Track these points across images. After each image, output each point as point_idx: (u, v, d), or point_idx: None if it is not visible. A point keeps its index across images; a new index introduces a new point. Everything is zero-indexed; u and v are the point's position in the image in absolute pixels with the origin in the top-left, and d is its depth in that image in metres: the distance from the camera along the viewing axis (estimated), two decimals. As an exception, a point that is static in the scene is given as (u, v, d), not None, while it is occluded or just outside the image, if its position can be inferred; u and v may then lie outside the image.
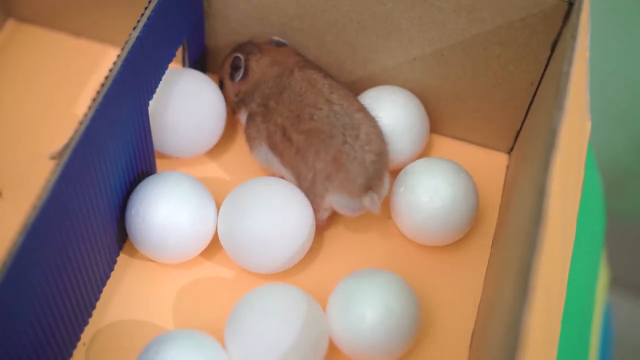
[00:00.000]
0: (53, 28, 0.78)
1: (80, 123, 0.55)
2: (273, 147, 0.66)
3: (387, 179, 0.65)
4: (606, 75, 1.15)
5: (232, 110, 0.71)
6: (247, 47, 0.69)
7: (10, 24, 0.78)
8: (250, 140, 0.69)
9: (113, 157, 0.60)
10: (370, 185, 0.63)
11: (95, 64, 0.76)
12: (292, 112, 0.65)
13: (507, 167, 0.73)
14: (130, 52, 0.58)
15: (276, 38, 0.70)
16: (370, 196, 0.63)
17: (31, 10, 0.77)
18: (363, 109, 0.65)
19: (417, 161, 0.68)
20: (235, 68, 0.69)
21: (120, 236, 0.65)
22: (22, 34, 0.77)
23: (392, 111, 0.68)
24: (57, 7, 0.75)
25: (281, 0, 0.67)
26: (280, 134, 0.65)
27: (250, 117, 0.68)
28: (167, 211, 0.63)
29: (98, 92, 0.56)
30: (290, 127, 0.65)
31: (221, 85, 0.71)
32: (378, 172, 0.64)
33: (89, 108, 0.55)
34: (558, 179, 0.51)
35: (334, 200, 0.65)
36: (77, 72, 0.76)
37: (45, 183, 0.52)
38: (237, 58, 0.68)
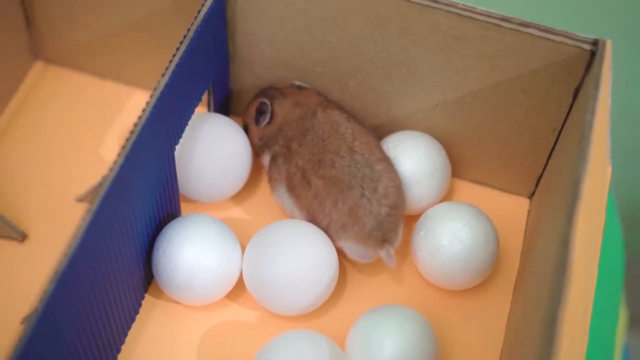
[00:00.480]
0: (80, 70, 0.79)
1: (110, 170, 0.56)
2: (291, 189, 0.67)
3: (401, 229, 0.66)
4: (622, 113, 1.16)
5: (256, 153, 0.72)
6: (270, 92, 0.70)
7: (38, 66, 0.79)
8: (271, 181, 0.69)
9: (140, 202, 0.61)
10: (385, 238, 0.64)
11: (120, 106, 0.77)
12: (314, 156, 0.66)
13: (529, 211, 0.73)
14: (159, 98, 0.59)
15: (297, 83, 0.71)
16: (386, 249, 0.64)
17: (58, 52, 0.78)
18: (384, 159, 0.66)
19: (438, 205, 0.68)
20: (260, 113, 0.70)
21: (146, 278, 0.66)
22: (50, 76, 0.79)
23: (415, 157, 0.69)
24: (83, 50, 0.77)
25: (305, 46, 0.68)
26: (300, 175, 0.66)
27: (273, 158, 0.69)
28: (194, 253, 0.63)
29: (127, 139, 0.57)
30: (311, 170, 0.66)
31: (246, 129, 0.72)
32: (393, 224, 0.65)
33: (118, 155, 0.56)
34: (581, 229, 0.52)
35: (347, 246, 0.66)
36: (103, 113, 0.77)
37: (76, 230, 0.53)
38: (263, 103, 0.69)
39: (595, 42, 0.60)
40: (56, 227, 0.70)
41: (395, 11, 0.63)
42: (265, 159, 0.70)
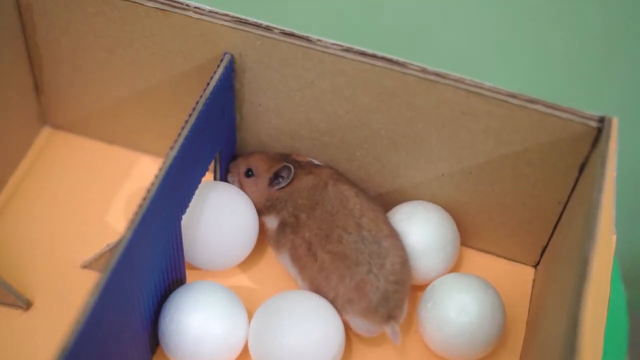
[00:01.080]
0: (87, 136, 0.79)
1: (118, 243, 0.56)
2: (295, 259, 0.67)
3: (406, 305, 0.66)
4: (625, 176, 1.16)
5: (258, 210, 0.71)
6: (290, 160, 0.71)
7: (46, 131, 0.80)
8: (277, 246, 0.69)
9: (147, 272, 0.61)
10: (391, 315, 0.64)
11: (128, 171, 0.77)
12: (322, 230, 0.66)
13: (534, 280, 0.73)
14: (168, 171, 0.59)
15: (315, 161, 0.71)
16: (391, 326, 0.65)
17: (66, 118, 0.79)
18: (391, 234, 0.66)
19: (446, 276, 0.68)
20: (280, 177, 0.70)
21: (151, 346, 0.65)
22: (57, 141, 0.79)
23: (427, 229, 0.69)
24: (91, 116, 0.77)
25: (312, 117, 0.69)
26: (306, 248, 0.66)
27: (281, 225, 0.69)
28: (202, 320, 0.63)
29: (135, 212, 0.57)
30: (317, 244, 0.66)
31: (248, 174, 0.72)
32: (399, 301, 0.65)
33: (127, 228, 0.56)
34: (590, 308, 0.52)
35: (352, 321, 0.66)
36: (110, 179, 0.77)
37: (83, 306, 0.52)
38: (287, 167, 0.69)
39: (601, 119, 0.61)
40: (61, 294, 0.70)
41: (402, 86, 0.64)
42: (269, 221, 0.70)
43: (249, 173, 0.71)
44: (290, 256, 0.68)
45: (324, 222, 0.66)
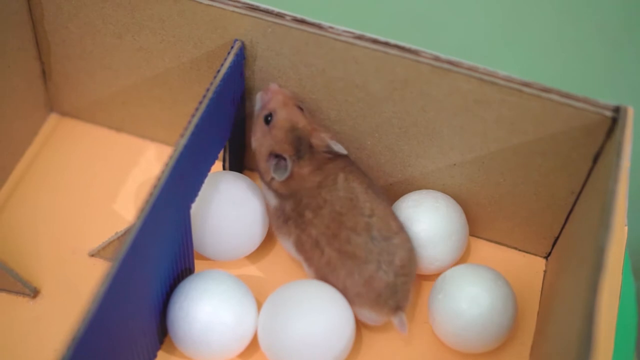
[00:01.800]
0: (95, 123, 0.79)
1: (127, 232, 0.55)
2: (300, 250, 0.66)
3: (411, 294, 0.67)
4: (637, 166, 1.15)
5: (260, 175, 0.68)
6: (302, 145, 0.66)
7: (53, 118, 0.79)
8: (277, 229, 0.68)
9: (156, 262, 0.61)
10: (399, 306, 0.65)
11: (135, 159, 0.77)
12: (329, 230, 0.65)
13: (545, 271, 0.73)
14: (178, 160, 0.59)
15: (336, 146, 0.67)
16: (399, 317, 0.65)
17: (74, 105, 0.78)
18: (400, 230, 0.66)
19: (456, 267, 0.68)
20: (276, 167, 0.66)
21: (160, 335, 0.65)
22: (64, 128, 0.79)
23: (434, 218, 0.68)
24: (99, 102, 0.77)
25: (323, 105, 0.68)
26: (312, 244, 0.65)
27: (282, 213, 0.67)
28: (211, 308, 0.63)
29: (145, 201, 0.56)
30: (325, 242, 0.65)
31: (267, 120, 0.67)
32: (406, 292, 0.65)
33: (136, 218, 0.56)
34: (605, 299, 0.51)
35: (358, 311, 0.66)
36: (117, 167, 0.76)
37: (92, 297, 0.52)
38: (281, 160, 0.66)
39: (616, 109, 0.60)
40: (69, 282, 0.69)
41: (415, 74, 0.63)
42: (267, 194, 0.68)
43: (267, 118, 0.67)
44: (294, 246, 0.67)
45: (333, 222, 0.64)
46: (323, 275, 0.66)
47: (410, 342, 0.68)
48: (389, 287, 0.64)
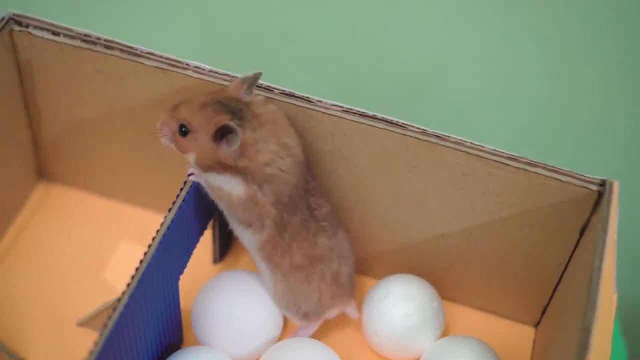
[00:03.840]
0: (84, 189, 0.79)
1: (116, 302, 0.55)
2: (269, 252, 0.65)
3: None
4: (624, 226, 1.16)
5: (205, 167, 0.62)
6: (231, 107, 0.60)
7: (42, 185, 0.79)
8: (244, 222, 0.63)
9: (144, 333, 0.60)
10: (353, 293, 0.69)
11: (125, 226, 0.77)
12: (301, 236, 0.65)
13: (534, 341, 0.72)
14: (165, 234, 0.59)
15: (248, 78, 0.61)
16: (351, 304, 0.70)
17: (63, 172, 0.78)
18: (339, 224, 0.68)
19: (444, 339, 0.68)
20: (223, 135, 0.60)
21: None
22: (54, 195, 0.79)
23: (407, 308, 0.68)
24: (88, 170, 0.77)
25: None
26: (285, 248, 0.64)
27: (255, 206, 0.62)
28: None
29: (133, 276, 0.56)
30: (296, 246, 0.65)
31: (182, 131, 0.61)
32: (354, 278, 0.69)
33: (123, 293, 0.56)
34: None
35: (330, 313, 0.69)
36: (107, 234, 0.76)
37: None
38: (228, 127, 0.59)
39: (602, 183, 0.60)
40: (57, 352, 0.69)
41: (403, 147, 0.63)
42: (230, 183, 0.61)
43: (183, 130, 0.61)
44: (261, 245, 0.64)
45: (303, 229, 0.64)
46: (288, 283, 0.66)
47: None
48: (348, 280, 0.68)
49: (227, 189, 0.62)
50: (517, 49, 0.86)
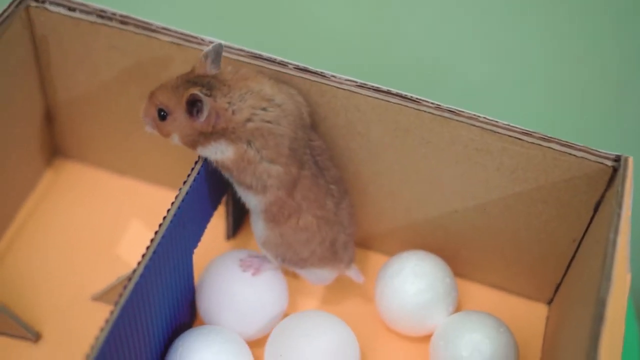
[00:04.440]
0: (99, 166, 0.79)
1: (130, 276, 0.56)
2: (270, 211, 0.64)
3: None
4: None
5: (190, 143, 0.63)
6: (202, 80, 0.61)
7: (57, 161, 0.80)
8: (244, 184, 0.63)
9: (158, 306, 0.61)
10: (351, 260, 0.69)
11: (139, 203, 0.77)
12: (311, 192, 0.64)
13: (547, 318, 0.73)
14: (180, 206, 0.59)
15: (207, 48, 0.62)
16: (353, 269, 0.69)
17: (78, 149, 0.79)
18: (346, 193, 0.67)
19: (458, 314, 0.68)
20: (195, 108, 0.61)
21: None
22: (68, 172, 0.79)
23: (420, 284, 0.68)
24: (103, 146, 0.77)
25: (326, 151, 0.68)
26: (295, 208, 0.64)
27: (250, 164, 0.62)
28: None
29: (148, 247, 0.57)
30: (307, 210, 0.65)
31: (161, 115, 0.62)
32: (353, 247, 0.69)
33: (138, 263, 0.56)
34: (605, 350, 0.51)
35: (315, 272, 0.69)
36: (121, 211, 0.77)
37: (95, 341, 0.52)
38: (192, 95, 0.60)
39: (617, 159, 0.60)
40: (71, 327, 0.69)
41: (417, 122, 0.63)
42: (216, 149, 0.62)
43: (162, 114, 0.63)
44: (266, 208, 0.64)
45: (314, 184, 0.64)
46: (288, 239, 0.66)
47: (412, 390, 0.68)
48: (345, 245, 0.68)
49: (218, 156, 0.63)
50: (533, 25, 0.86)
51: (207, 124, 0.61)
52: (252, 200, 0.65)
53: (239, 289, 0.67)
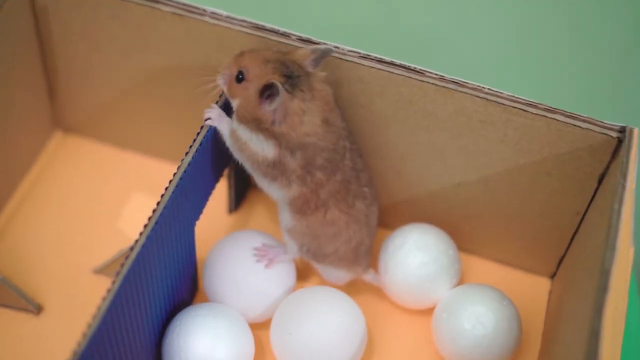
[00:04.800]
0: (99, 139, 0.79)
1: (131, 249, 0.55)
2: (298, 204, 0.64)
3: None
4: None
5: (240, 117, 0.62)
6: (296, 74, 0.61)
7: (58, 135, 0.79)
8: (267, 176, 0.63)
9: (160, 278, 0.60)
10: (369, 264, 0.69)
11: (140, 176, 0.77)
12: (339, 194, 0.64)
13: (550, 292, 0.72)
14: (182, 177, 0.59)
15: (319, 48, 0.62)
16: (371, 274, 0.69)
17: (79, 122, 0.78)
18: (374, 198, 0.67)
19: (461, 287, 0.68)
20: (270, 93, 0.60)
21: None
22: (69, 145, 0.79)
23: (423, 257, 0.68)
24: (104, 119, 0.77)
25: (328, 124, 0.68)
26: (320, 204, 0.64)
27: (280, 166, 0.62)
28: (206, 344, 0.62)
29: (150, 218, 0.57)
30: (333, 202, 0.64)
31: (239, 78, 0.62)
32: (371, 251, 0.69)
33: (140, 234, 0.56)
34: (609, 320, 0.51)
35: (331, 271, 0.68)
36: (122, 184, 0.76)
37: (97, 311, 0.52)
38: (274, 86, 0.59)
39: (622, 130, 0.60)
40: (72, 299, 0.69)
41: (420, 94, 0.63)
42: (262, 144, 0.62)
43: (239, 77, 0.62)
44: (289, 199, 0.64)
45: (342, 189, 0.64)
46: (315, 230, 0.65)
47: (414, 362, 0.68)
48: (367, 249, 0.68)
49: (254, 147, 0.62)
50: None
51: (268, 116, 0.60)
52: (276, 193, 0.65)
53: (246, 271, 0.66)
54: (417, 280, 0.67)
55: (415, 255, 0.68)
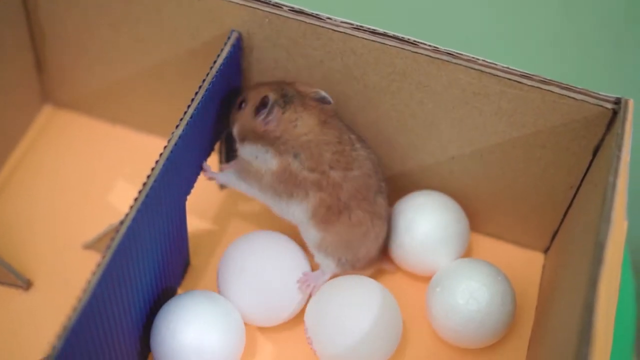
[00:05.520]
0: (89, 114, 0.78)
1: (121, 223, 0.55)
2: (321, 214, 0.64)
3: None
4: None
5: (240, 138, 0.65)
6: (286, 90, 0.64)
7: (47, 110, 0.78)
8: (284, 193, 0.64)
9: (151, 251, 0.60)
10: (383, 259, 0.70)
11: (130, 152, 0.76)
12: (359, 193, 0.64)
13: (544, 266, 0.72)
14: (173, 151, 0.58)
15: (322, 93, 0.65)
16: (386, 262, 0.70)
17: (68, 96, 0.77)
18: (385, 190, 0.67)
19: (455, 262, 0.67)
20: (263, 106, 0.63)
21: (142, 349, 0.63)
22: (58, 120, 0.78)
23: (437, 221, 0.68)
24: (94, 94, 0.76)
25: (321, 96, 0.67)
26: (342, 207, 0.64)
27: (291, 175, 0.63)
28: (197, 333, 0.61)
29: (140, 192, 0.56)
30: (355, 204, 0.64)
31: (240, 106, 0.65)
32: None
33: (130, 207, 0.55)
34: (604, 294, 0.51)
35: (359, 271, 0.68)
36: (112, 159, 0.76)
37: (87, 285, 0.51)
38: (266, 98, 0.63)
39: (617, 101, 0.59)
40: (62, 274, 0.68)
41: (414, 66, 0.62)
42: (263, 157, 0.64)
43: (241, 105, 0.65)
44: (312, 210, 0.64)
45: (363, 185, 0.64)
46: (344, 236, 0.65)
47: (408, 339, 0.68)
48: (383, 243, 0.68)
49: (258, 164, 0.64)
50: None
51: (263, 124, 0.63)
52: (296, 212, 0.64)
53: (265, 273, 0.65)
54: (423, 246, 0.68)
55: (429, 220, 0.68)
